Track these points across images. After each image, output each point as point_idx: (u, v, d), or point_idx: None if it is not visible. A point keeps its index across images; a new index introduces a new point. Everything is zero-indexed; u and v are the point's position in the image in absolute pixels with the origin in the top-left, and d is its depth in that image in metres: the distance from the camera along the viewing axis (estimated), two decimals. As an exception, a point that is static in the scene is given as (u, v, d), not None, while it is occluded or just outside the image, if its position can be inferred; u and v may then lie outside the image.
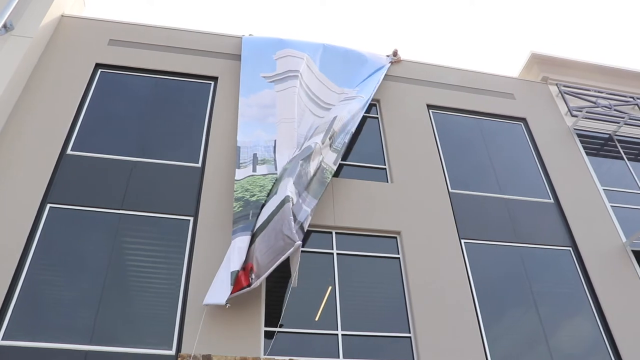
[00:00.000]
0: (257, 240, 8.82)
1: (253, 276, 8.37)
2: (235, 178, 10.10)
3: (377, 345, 9.11)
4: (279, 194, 9.33)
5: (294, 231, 8.37)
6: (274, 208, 9.09)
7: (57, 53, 11.93)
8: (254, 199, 9.63)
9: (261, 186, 9.88)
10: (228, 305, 8.21)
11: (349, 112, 11.66)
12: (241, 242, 8.89)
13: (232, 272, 8.39)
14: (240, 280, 8.36)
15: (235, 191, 9.85)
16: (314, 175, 10.12)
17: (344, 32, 48.33)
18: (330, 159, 10.70)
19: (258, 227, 9.05)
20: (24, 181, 9.54)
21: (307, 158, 10.08)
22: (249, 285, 8.30)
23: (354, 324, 9.26)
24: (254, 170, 10.26)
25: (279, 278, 9.35)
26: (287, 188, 9.26)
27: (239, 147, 10.67)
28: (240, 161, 10.43)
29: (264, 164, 10.41)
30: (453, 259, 10.53)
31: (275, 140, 10.97)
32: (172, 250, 9.38)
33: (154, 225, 9.64)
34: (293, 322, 9.04)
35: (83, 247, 9.06)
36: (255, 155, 10.55)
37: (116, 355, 8.00)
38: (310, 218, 9.38)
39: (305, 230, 9.16)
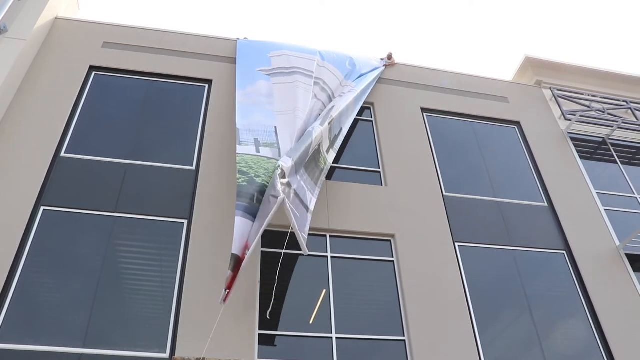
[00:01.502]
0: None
1: (248, 251, 8.07)
2: (237, 152, 9.64)
3: (372, 349, 9.11)
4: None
5: (278, 188, 8.15)
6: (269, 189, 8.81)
7: (51, 55, 11.91)
8: (258, 180, 9.17)
9: (265, 169, 9.43)
10: (222, 304, 8.10)
11: (345, 102, 11.63)
12: (245, 225, 8.60)
13: (232, 255, 8.12)
14: (238, 263, 8.10)
15: (238, 163, 9.36)
16: (312, 156, 9.97)
17: (341, 35, 48.41)
18: (325, 146, 10.56)
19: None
20: (18, 184, 9.51)
21: (306, 141, 9.85)
22: (242, 261, 8.02)
23: (348, 327, 9.26)
24: (257, 151, 9.83)
25: (273, 281, 9.34)
26: (281, 159, 9.06)
27: (238, 129, 10.25)
28: (241, 139, 9.98)
29: (267, 147, 10.01)
30: (447, 262, 10.55)
31: (275, 127, 10.78)
32: (166, 253, 9.36)
33: (147, 228, 9.62)
34: (287, 326, 9.03)
35: (77, 250, 9.03)
36: (256, 139, 10.15)
37: (110, 358, 7.97)
38: (314, 201, 9.29)
39: (311, 210, 9.07)
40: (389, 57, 14.65)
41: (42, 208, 9.43)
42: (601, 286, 11.07)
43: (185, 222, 9.85)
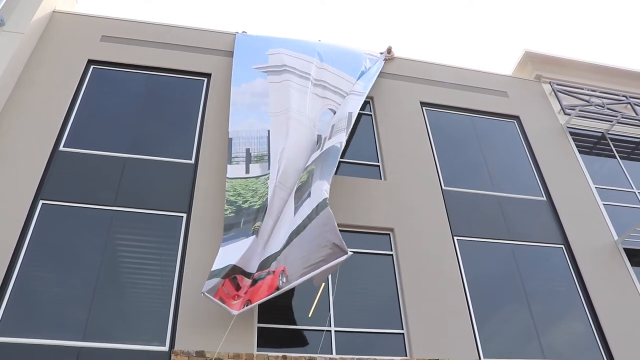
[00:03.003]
0: (292, 244, 8.59)
1: (284, 280, 8.15)
2: (227, 175, 9.97)
3: (370, 342, 9.13)
4: (312, 196, 9.04)
5: (342, 240, 8.04)
6: (309, 212, 8.84)
7: (49, 49, 11.87)
8: (246, 205, 9.50)
9: (254, 190, 9.73)
10: (203, 294, 8.12)
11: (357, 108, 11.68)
12: (233, 249, 8.78)
13: (212, 271, 8.39)
14: (266, 283, 8.24)
15: (227, 191, 9.73)
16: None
17: (341, 30, 48.32)
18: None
19: (293, 231, 8.79)
20: (17, 178, 9.50)
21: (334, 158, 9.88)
22: (277, 289, 8.10)
23: (347, 320, 9.27)
24: (247, 171, 10.09)
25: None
26: (323, 189, 9.02)
27: (231, 139, 10.50)
28: (232, 155, 10.25)
29: (257, 162, 10.25)
30: (446, 255, 10.56)
31: (268, 130, 10.87)
32: (165, 247, 9.37)
33: (147, 221, 9.62)
34: (286, 319, 9.04)
35: (76, 244, 9.03)
36: (248, 150, 10.40)
37: (109, 351, 7.98)
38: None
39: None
40: (389, 50, 14.62)
41: (41, 202, 9.42)
42: (599, 280, 11.09)
43: (185, 215, 9.85)
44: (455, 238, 11.00)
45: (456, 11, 45.50)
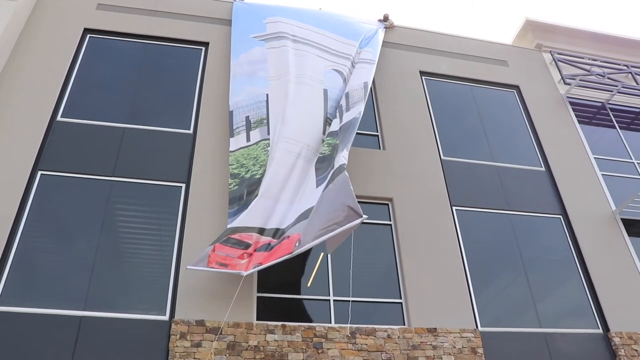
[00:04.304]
0: (312, 213, 8.54)
1: (297, 244, 8.11)
2: (230, 149, 9.95)
3: (369, 311, 9.22)
4: (334, 168, 9.04)
5: (357, 203, 7.93)
6: (329, 176, 8.91)
7: (44, 17, 11.70)
8: (248, 175, 9.52)
9: (255, 158, 9.76)
10: (187, 267, 8.16)
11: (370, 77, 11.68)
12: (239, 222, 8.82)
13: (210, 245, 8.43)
14: (281, 248, 8.25)
15: (230, 165, 9.70)
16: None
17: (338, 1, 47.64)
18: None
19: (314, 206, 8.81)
20: (15, 148, 9.46)
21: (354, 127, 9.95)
22: (290, 253, 8.04)
23: (345, 289, 9.35)
24: (248, 139, 10.09)
25: (272, 245, 9.37)
26: (341, 156, 9.08)
27: (232, 112, 10.49)
28: (234, 127, 10.24)
29: (257, 127, 10.24)
30: (444, 225, 10.60)
31: (267, 94, 10.86)
32: (165, 217, 9.39)
33: (145, 192, 9.62)
34: (285, 288, 9.12)
35: (75, 215, 9.04)
36: (247, 118, 10.38)
37: (110, 320, 8.07)
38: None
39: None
40: (385, 18, 14.44)
41: (39, 173, 9.40)
42: (597, 250, 11.17)
43: (183, 185, 9.85)
44: (454, 208, 11.04)
45: (457, -22, 44.79)
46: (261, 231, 8.74)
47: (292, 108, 10.50)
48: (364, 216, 7.63)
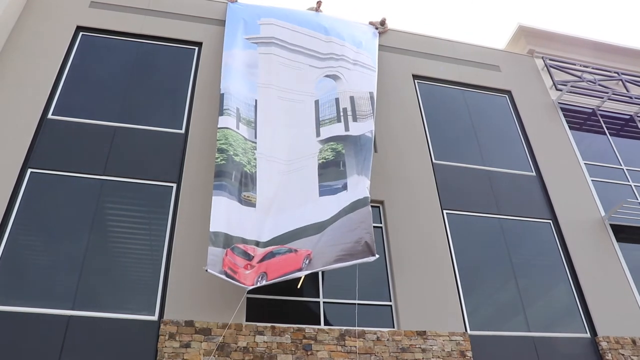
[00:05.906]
0: (324, 233, 8.70)
1: (307, 262, 8.28)
2: (219, 125, 9.82)
3: (359, 313, 9.22)
4: (349, 190, 9.24)
5: (374, 241, 8.29)
6: (345, 205, 9.03)
7: (36, 14, 11.64)
8: (237, 159, 9.46)
9: (243, 149, 9.71)
10: (206, 269, 8.08)
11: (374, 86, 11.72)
12: (227, 204, 8.76)
13: (211, 233, 8.25)
14: (288, 261, 8.33)
15: (218, 140, 9.56)
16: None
17: (335, 1, 47.70)
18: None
19: (326, 220, 8.93)
20: (5, 146, 9.39)
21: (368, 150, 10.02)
22: (299, 270, 8.19)
23: (335, 292, 9.35)
24: (237, 127, 10.03)
25: (262, 246, 9.35)
26: (365, 187, 9.21)
27: (223, 94, 10.39)
28: (224, 107, 10.12)
29: (245, 125, 10.22)
30: (435, 229, 10.63)
31: (256, 100, 10.85)
32: (155, 217, 9.35)
33: (136, 191, 9.58)
34: (275, 290, 9.10)
35: (65, 213, 8.99)
36: (238, 110, 10.32)
37: (99, 320, 8.02)
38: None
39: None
40: (382, 22, 14.47)
41: (29, 170, 9.34)
42: (585, 255, 11.24)
43: (175, 185, 9.81)
44: (445, 211, 11.06)
45: (450, -17, 44.97)
46: (257, 244, 8.76)
47: (281, 130, 10.53)
48: (376, 256, 8.09)
